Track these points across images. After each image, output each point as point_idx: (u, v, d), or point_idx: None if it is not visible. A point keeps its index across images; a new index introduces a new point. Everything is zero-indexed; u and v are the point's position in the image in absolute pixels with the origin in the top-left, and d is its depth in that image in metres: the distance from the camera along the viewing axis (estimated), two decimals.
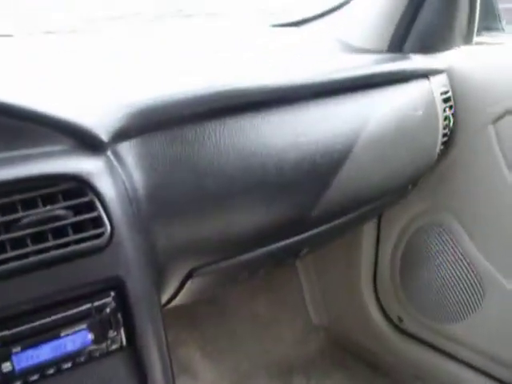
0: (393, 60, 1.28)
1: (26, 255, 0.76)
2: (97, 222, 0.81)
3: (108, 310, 0.82)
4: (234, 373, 1.80)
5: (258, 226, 1.04)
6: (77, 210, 0.80)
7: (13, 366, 0.77)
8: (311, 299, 1.96)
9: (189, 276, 1.03)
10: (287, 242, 1.16)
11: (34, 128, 0.81)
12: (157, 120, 0.90)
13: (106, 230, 0.81)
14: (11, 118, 0.80)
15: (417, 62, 1.30)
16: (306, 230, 1.18)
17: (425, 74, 1.30)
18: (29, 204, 0.78)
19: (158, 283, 0.91)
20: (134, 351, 0.86)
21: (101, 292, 0.82)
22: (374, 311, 1.76)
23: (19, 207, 0.77)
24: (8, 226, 0.76)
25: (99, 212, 0.81)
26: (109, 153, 0.86)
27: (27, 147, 0.81)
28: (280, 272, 1.89)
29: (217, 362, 1.80)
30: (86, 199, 0.80)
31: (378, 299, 1.76)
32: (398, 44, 1.38)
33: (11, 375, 0.77)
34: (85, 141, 0.84)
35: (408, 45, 1.38)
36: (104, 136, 0.84)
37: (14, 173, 0.78)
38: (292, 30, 1.54)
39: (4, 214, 0.76)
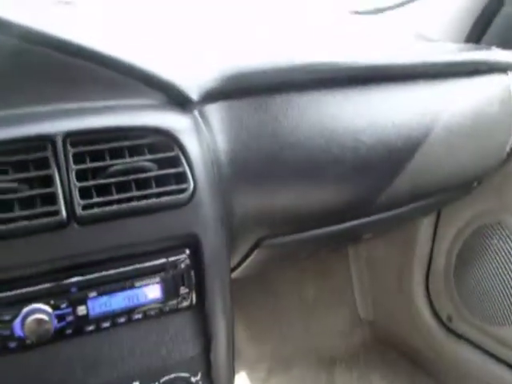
0: (474, 50, 1.27)
1: (109, 203, 0.77)
2: (180, 178, 0.82)
3: (182, 266, 0.83)
4: (275, 356, 1.80)
5: (329, 203, 1.04)
6: (161, 164, 0.81)
7: (87, 310, 0.79)
8: (359, 291, 1.95)
9: (256, 246, 1.03)
10: (351, 224, 1.15)
11: (129, 81, 0.83)
12: (244, 86, 0.91)
13: (189, 186, 0.81)
14: (110, 70, 0.82)
15: (498, 54, 1.27)
16: (371, 214, 1.18)
17: (504, 69, 1.28)
18: (116, 153, 0.79)
19: (229, 248, 0.92)
20: (202, 311, 0.87)
21: (177, 248, 0.83)
22: (423, 308, 1.74)
23: (107, 156, 0.78)
24: (95, 173, 0.78)
25: (184, 168, 0.81)
26: (196, 112, 0.87)
27: (120, 98, 0.83)
28: (331, 261, 1.89)
29: (260, 343, 1.80)
30: (171, 154, 0.81)
31: (428, 297, 1.74)
32: (475, 38, 1.36)
33: (85, 319, 0.79)
34: (175, 98, 0.85)
35: (486, 39, 1.36)
36: (193, 95, 0.86)
37: (105, 122, 0.79)
38: (370, 18, 1.53)
39: (92, 161, 0.77)
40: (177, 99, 0.85)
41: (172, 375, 0.88)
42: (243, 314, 1.78)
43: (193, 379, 0.90)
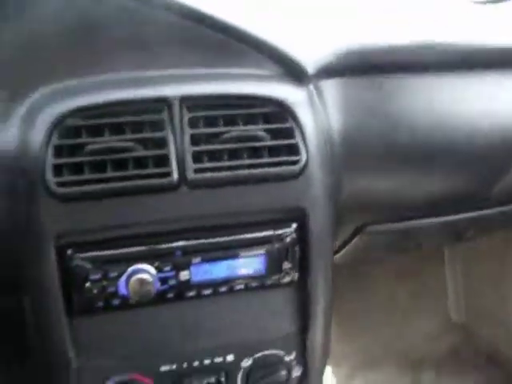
0: None
1: (221, 169, 0.77)
2: (293, 150, 0.80)
3: (288, 240, 0.82)
4: (364, 354, 1.77)
5: (436, 192, 1.01)
6: (274, 134, 0.80)
7: (190, 275, 0.79)
8: (453, 293, 1.89)
9: (358, 231, 1.01)
10: (457, 217, 1.11)
11: (248, 50, 0.83)
12: (360, 64, 0.89)
13: (301, 158, 0.80)
14: (230, 38, 0.82)
15: None
16: (479, 209, 1.13)
17: None
18: (230, 121, 0.79)
19: (334, 228, 0.90)
20: (303, 288, 0.86)
21: (284, 221, 0.82)
22: None
23: (221, 122, 0.78)
24: (209, 139, 0.77)
25: (297, 140, 0.80)
26: (311, 87, 0.86)
27: (238, 67, 0.83)
28: (427, 260, 1.84)
29: (349, 340, 1.78)
30: (286, 125, 0.80)
31: None
32: None
33: (187, 284, 0.79)
34: (291, 70, 0.84)
35: None
36: (310, 69, 0.84)
37: (222, 89, 0.80)
38: (492, 7, 1.47)
39: (206, 127, 0.77)
40: (293, 72, 0.84)
41: (266, 352, 0.87)
42: (335, 309, 1.75)
43: (287, 358, 0.89)
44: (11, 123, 0.74)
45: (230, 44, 0.82)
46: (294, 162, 0.80)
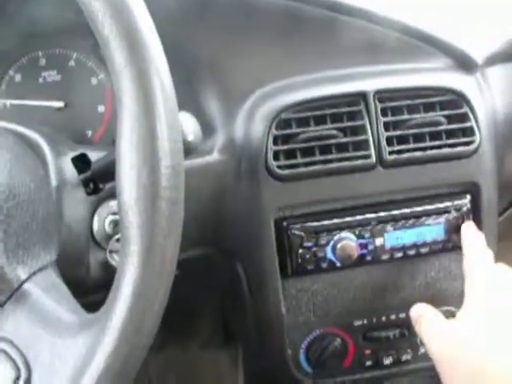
0: None
1: (408, 150, 0.91)
2: (468, 132, 0.93)
3: (464, 210, 0.95)
4: None
5: None
6: (451, 119, 0.93)
7: (384, 241, 0.92)
8: None
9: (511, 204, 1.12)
10: None
11: (423, 47, 0.96)
12: None
13: (475, 139, 0.93)
14: (407, 36, 0.95)
15: None
16: None
17: None
18: (413, 109, 0.92)
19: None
20: None
21: (460, 193, 0.95)
22: None
23: (405, 110, 0.92)
24: (396, 126, 0.91)
25: (471, 123, 0.93)
26: (478, 74, 0.98)
27: (416, 62, 0.96)
28: None
29: None
30: (461, 111, 0.93)
31: None
32: None
33: (382, 249, 0.93)
34: (461, 61, 0.97)
35: None
36: (478, 59, 0.96)
37: (407, 82, 0.93)
38: None
39: (393, 115, 0.91)
40: (464, 63, 0.96)
41: (443, 308, 0.99)
42: None
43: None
44: (237, 120, 0.90)
45: (408, 41, 0.95)
46: (469, 143, 0.92)
